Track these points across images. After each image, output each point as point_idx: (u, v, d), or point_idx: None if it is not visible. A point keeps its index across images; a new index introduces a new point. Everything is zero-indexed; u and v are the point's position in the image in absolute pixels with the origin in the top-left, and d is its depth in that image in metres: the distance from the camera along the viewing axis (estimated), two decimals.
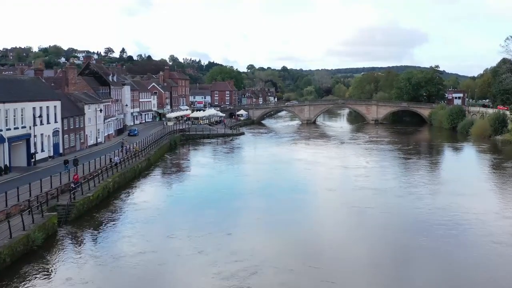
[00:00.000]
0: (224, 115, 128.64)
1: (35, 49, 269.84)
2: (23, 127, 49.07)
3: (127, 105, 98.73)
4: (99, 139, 71.54)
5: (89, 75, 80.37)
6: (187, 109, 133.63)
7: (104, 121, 74.49)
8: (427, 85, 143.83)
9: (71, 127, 61.32)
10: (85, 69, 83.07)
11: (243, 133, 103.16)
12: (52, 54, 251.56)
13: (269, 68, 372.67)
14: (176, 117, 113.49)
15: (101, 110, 72.30)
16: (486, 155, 72.84)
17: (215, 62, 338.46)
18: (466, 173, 59.69)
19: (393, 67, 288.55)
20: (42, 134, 52.92)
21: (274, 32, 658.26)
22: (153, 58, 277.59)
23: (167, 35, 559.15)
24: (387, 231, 34.25)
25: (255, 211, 39.20)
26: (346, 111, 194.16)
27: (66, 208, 35.57)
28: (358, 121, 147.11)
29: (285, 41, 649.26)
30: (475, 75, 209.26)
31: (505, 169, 59.69)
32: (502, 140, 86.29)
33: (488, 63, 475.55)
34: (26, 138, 49.58)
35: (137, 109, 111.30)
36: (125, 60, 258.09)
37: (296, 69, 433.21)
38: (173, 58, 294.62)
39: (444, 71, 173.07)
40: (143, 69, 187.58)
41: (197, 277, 25.67)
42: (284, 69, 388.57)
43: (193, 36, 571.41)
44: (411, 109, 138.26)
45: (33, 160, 50.54)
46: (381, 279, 25.89)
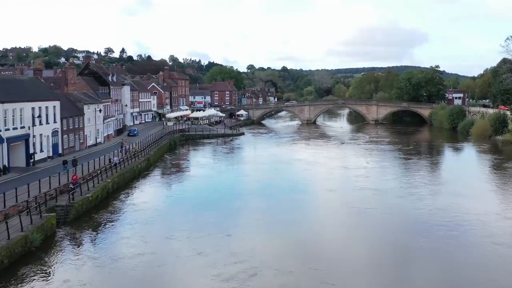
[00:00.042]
0: (224, 115, 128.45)
1: (35, 49, 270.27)
2: (22, 127, 48.85)
3: (126, 105, 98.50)
4: (98, 139, 71.35)
5: (88, 75, 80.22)
6: (187, 109, 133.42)
7: (103, 121, 74.32)
8: (427, 85, 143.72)
9: (70, 127, 61.10)
10: (84, 69, 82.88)
11: (243, 133, 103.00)
12: (52, 54, 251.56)
13: (269, 68, 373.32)
14: (176, 117, 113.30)
15: (100, 110, 72.13)
16: (486, 155, 72.69)
17: (215, 62, 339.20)
18: (466, 173, 59.53)
19: (393, 67, 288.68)
20: (41, 134, 52.67)
21: (274, 32, 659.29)
22: (153, 58, 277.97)
23: (167, 35, 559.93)
24: (387, 232, 34.13)
25: (255, 212, 39.03)
26: (346, 111, 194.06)
27: (65, 209, 35.40)
28: (358, 121, 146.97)
29: (285, 41, 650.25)
30: (475, 75, 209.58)
31: (505, 169, 59.54)
32: (502, 140, 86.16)
33: (488, 63, 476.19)
34: (25, 138, 49.36)
35: (137, 109, 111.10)
36: (125, 60, 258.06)
37: (296, 69, 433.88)
38: (173, 58, 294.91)
39: (444, 71, 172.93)
40: (143, 69, 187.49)
41: (196, 279, 25.50)
42: (284, 69, 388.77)
43: (193, 36, 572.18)
44: (411, 109, 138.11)
45: (32, 160, 50.33)
46: (382, 279, 25.74)
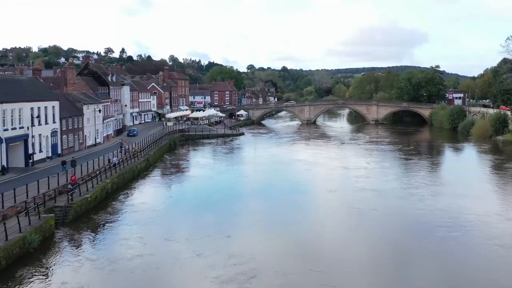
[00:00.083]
0: (224, 115, 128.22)
1: (35, 49, 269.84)
2: (21, 128, 48.62)
3: (126, 106, 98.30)
4: (98, 140, 71.14)
5: (88, 75, 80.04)
6: (186, 109, 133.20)
7: (103, 121, 74.11)
8: (427, 85, 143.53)
9: (70, 128, 60.89)
10: (84, 69, 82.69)
11: (243, 134, 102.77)
12: (52, 54, 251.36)
13: (269, 68, 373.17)
14: (175, 118, 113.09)
15: (100, 110, 71.92)
16: (487, 156, 72.52)
17: (215, 62, 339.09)
18: (467, 174, 59.34)
19: (393, 67, 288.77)
20: (40, 134, 52.44)
21: (274, 32, 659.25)
22: (153, 58, 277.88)
23: (167, 35, 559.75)
24: (387, 232, 33.99)
25: (255, 213, 38.82)
26: (346, 111, 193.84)
27: (63, 209, 35.17)
28: (358, 121, 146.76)
29: (285, 41, 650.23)
30: (475, 75, 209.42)
31: (506, 169, 59.35)
32: (503, 140, 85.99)
33: (488, 63, 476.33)
34: (24, 138, 49.13)
35: (137, 109, 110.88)
36: (125, 60, 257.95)
37: (296, 69, 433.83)
38: (173, 58, 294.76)
39: (444, 71, 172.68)
40: (143, 69, 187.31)
41: (195, 281, 25.28)
42: (284, 69, 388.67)
43: (193, 36, 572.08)
44: (412, 109, 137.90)
45: (31, 161, 50.10)
46: (382, 279, 25.62)
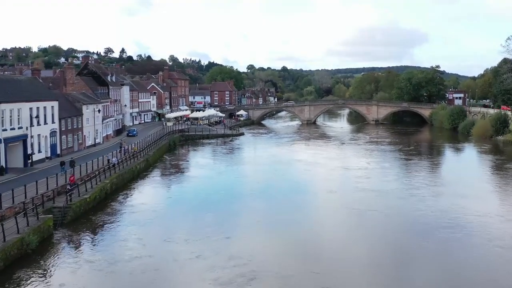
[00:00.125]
0: (223, 115, 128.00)
1: (35, 49, 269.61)
2: (20, 128, 48.38)
3: (126, 106, 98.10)
4: (97, 140, 70.91)
5: (87, 75, 79.88)
6: (186, 110, 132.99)
7: (102, 121, 73.88)
8: (427, 85, 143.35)
9: (69, 128, 60.65)
10: (83, 69, 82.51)
11: (242, 134, 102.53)
12: (51, 54, 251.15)
13: (269, 68, 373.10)
14: (175, 118, 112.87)
15: (99, 110, 71.70)
16: (487, 156, 72.34)
17: (215, 62, 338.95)
18: (467, 174, 59.15)
19: (393, 67, 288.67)
20: (39, 134, 52.21)
21: (274, 32, 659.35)
22: (153, 58, 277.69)
23: (167, 35, 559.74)
24: (387, 232, 33.85)
25: (255, 213, 38.60)
26: (346, 112, 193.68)
27: (62, 210, 34.97)
28: (358, 122, 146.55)
29: (285, 41, 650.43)
30: (475, 75, 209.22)
31: (507, 170, 59.16)
32: (503, 140, 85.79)
33: (488, 63, 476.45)
34: (22, 139, 48.89)
35: (136, 110, 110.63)
36: (124, 60, 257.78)
37: (296, 69, 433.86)
38: (173, 58, 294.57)
39: (444, 71, 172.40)
40: (142, 69, 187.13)
41: (194, 283, 25.07)
42: (284, 69, 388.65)
43: (193, 36, 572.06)
44: (412, 109, 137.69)
45: (30, 161, 49.90)
46: (382, 279, 25.52)
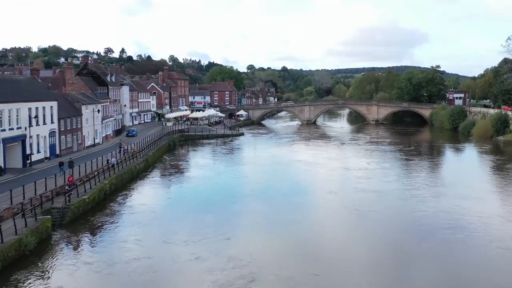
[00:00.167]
0: (223, 115, 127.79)
1: (35, 49, 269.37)
2: (19, 128, 48.17)
3: (125, 106, 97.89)
4: (96, 140, 70.68)
5: (87, 75, 79.61)
6: (186, 110, 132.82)
7: (102, 121, 73.64)
8: (428, 85, 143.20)
9: (68, 128, 60.42)
10: (83, 69, 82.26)
11: (242, 134, 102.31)
12: (51, 54, 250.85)
13: (269, 68, 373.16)
14: (175, 118, 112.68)
15: (99, 110, 71.47)
16: (488, 156, 72.17)
17: (215, 62, 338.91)
18: (468, 174, 58.97)
19: (393, 67, 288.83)
20: (38, 135, 51.99)
21: (274, 32, 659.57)
22: (153, 58, 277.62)
23: (167, 35, 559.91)
24: (387, 232, 33.68)
25: (254, 214, 38.35)
26: (346, 112, 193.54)
27: (60, 211, 34.76)
28: (358, 122, 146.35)
29: (285, 41, 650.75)
30: (475, 75, 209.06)
31: (508, 170, 58.96)
32: (504, 140, 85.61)
33: (488, 63, 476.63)
34: (21, 139, 48.67)
35: (136, 110, 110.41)
36: (124, 60, 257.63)
37: (296, 69, 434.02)
38: (173, 58, 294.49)
39: (444, 71, 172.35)
40: (142, 69, 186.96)
41: (193, 285, 24.81)
42: (284, 69, 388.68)
43: (193, 36, 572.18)
44: (412, 109, 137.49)
45: (29, 161, 49.70)
46: (383, 280, 25.38)
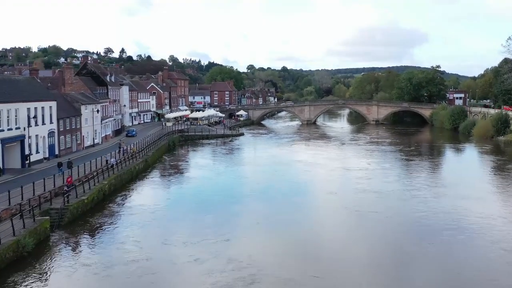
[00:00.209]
0: (223, 115, 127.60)
1: (35, 49, 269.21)
2: (17, 128, 47.98)
3: (125, 106, 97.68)
4: (96, 140, 70.48)
5: (86, 75, 79.43)
6: (186, 110, 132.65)
7: (101, 121, 73.44)
8: (428, 85, 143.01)
9: (67, 128, 60.21)
10: (82, 69, 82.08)
11: (242, 134, 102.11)
12: (51, 54, 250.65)
13: (269, 68, 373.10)
14: (175, 118, 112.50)
15: (98, 110, 71.27)
16: (489, 156, 71.99)
17: (215, 62, 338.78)
18: (468, 175, 58.76)
19: (393, 67, 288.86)
20: (37, 135, 51.80)
21: (274, 32, 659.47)
22: (153, 58, 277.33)
23: (167, 35, 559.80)
24: (388, 233, 33.50)
25: (254, 215, 38.13)
26: (346, 112, 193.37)
27: (59, 212, 34.52)
28: (358, 122, 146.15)
29: (285, 41, 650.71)
30: (476, 75, 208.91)
31: (508, 170, 58.77)
32: (504, 140, 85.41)
33: (488, 63, 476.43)
34: (20, 139, 48.49)
35: (136, 110, 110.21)
36: (124, 60, 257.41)
37: (296, 69, 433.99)
38: (173, 58, 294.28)
39: (444, 71, 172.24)
40: (142, 69, 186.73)
41: (192, 287, 24.59)
42: (284, 69, 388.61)
43: (193, 36, 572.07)
44: (412, 109, 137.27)
45: (28, 161, 49.49)
46: (383, 280, 25.27)
